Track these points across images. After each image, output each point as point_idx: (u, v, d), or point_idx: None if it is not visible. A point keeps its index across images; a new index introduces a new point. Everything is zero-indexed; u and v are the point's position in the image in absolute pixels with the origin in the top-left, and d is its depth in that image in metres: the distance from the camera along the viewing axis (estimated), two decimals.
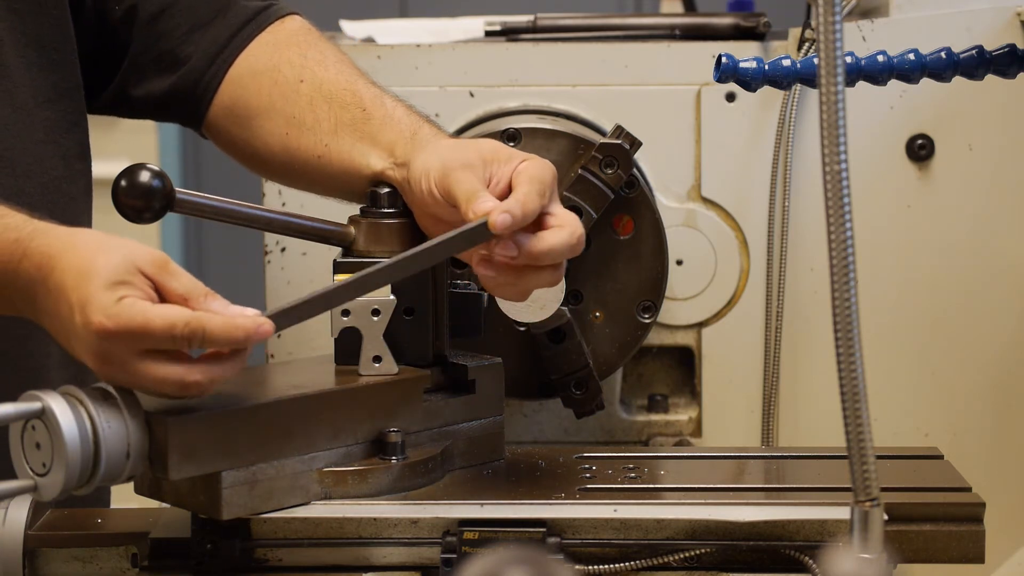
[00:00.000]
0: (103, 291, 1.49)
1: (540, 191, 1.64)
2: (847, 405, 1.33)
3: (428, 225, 1.75)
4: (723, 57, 1.73)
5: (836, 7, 1.31)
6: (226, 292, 1.63)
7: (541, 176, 1.66)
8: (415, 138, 1.79)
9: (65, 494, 1.50)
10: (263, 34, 1.94)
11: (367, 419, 1.68)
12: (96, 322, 1.49)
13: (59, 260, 1.53)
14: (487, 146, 1.72)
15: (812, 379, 2.24)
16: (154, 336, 1.49)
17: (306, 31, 1.95)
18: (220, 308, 1.53)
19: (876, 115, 2.20)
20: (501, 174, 1.68)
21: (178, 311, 1.50)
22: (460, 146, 1.74)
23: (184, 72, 1.92)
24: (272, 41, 1.93)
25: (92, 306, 1.49)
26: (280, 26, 1.95)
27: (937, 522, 1.62)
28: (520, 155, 1.70)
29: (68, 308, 1.51)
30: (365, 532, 1.62)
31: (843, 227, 1.32)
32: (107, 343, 1.50)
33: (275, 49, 1.92)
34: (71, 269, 1.52)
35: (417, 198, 1.73)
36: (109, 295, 1.49)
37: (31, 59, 1.85)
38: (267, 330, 1.52)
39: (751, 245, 2.23)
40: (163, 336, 1.49)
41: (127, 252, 1.52)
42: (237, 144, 1.93)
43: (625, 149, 2.02)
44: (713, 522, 1.61)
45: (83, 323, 1.50)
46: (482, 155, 1.70)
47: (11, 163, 1.82)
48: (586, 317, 2.09)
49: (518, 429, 2.23)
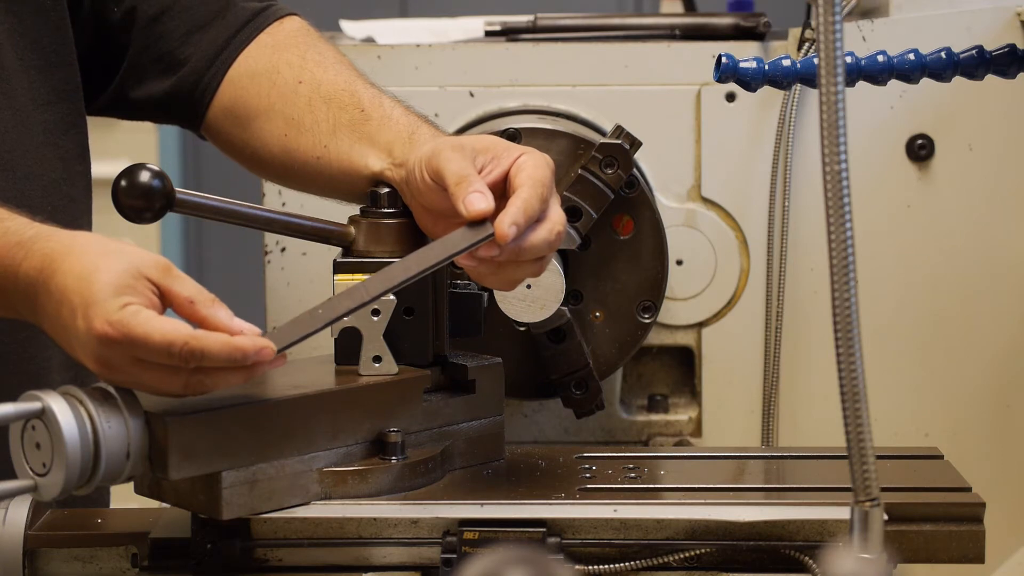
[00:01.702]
0: (107, 297, 1.49)
1: (541, 195, 1.63)
2: (847, 405, 1.33)
3: (427, 223, 1.75)
4: (723, 57, 1.73)
5: (836, 7, 1.31)
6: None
7: (542, 177, 1.65)
8: (413, 138, 1.78)
9: (65, 494, 1.50)
10: (262, 35, 1.94)
11: (367, 419, 1.68)
12: (99, 327, 1.48)
13: (61, 263, 1.53)
14: (483, 138, 1.71)
15: (812, 379, 2.24)
16: (152, 351, 1.49)
17: (305, 32, 1.95)
18: (225, 319, 1.52)
19: (876, 115, 2.20)
20: (496, 164, 1.67)
21: (178, 329, 1.49)
22: (455, 137, 1.74)
23: (183, 74, 1.93)
24: (271, 42, 1.93)
25: (95, 310, 1.49)
26: (279, 27, 1.95)
27: (937, 522, 1.62)
28: (518, 148, 1.69)
29: (70, 311, 1.51)
30: (365, 532, 1.62)
31: (843, 227, 1.32)
32: (108, 349, 1.49)
33: (274, 50, 1.92)
34: (73, 272, 1.52)
35: (414, 192, 1.73)
36: (113, 301, 1.49)
37: (29, 61, 1.85)
38: (268, 353, 1.51)
39: (751, 245, 2.23)
40: (160, 352, 1.49)
41: (131, 257, 1.52)
42: (236, 145, 1.93)
43: (625, 149, 2.02)
44: (713, 522, 1.60)
45: (85, 327, 1.50)
46: (474, 143, 1.69)
47: (11, 165, 1.82)
48: (586, 317, 2.09)
49: (518, 429, 2.23)
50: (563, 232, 1.65)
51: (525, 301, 1.99)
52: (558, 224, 1.64)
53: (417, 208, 1.75)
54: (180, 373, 1.50)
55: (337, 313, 1.59)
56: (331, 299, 1.60)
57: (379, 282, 1.61)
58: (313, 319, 1.58)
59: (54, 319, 1.54)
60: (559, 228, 1.64)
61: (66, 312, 1.52)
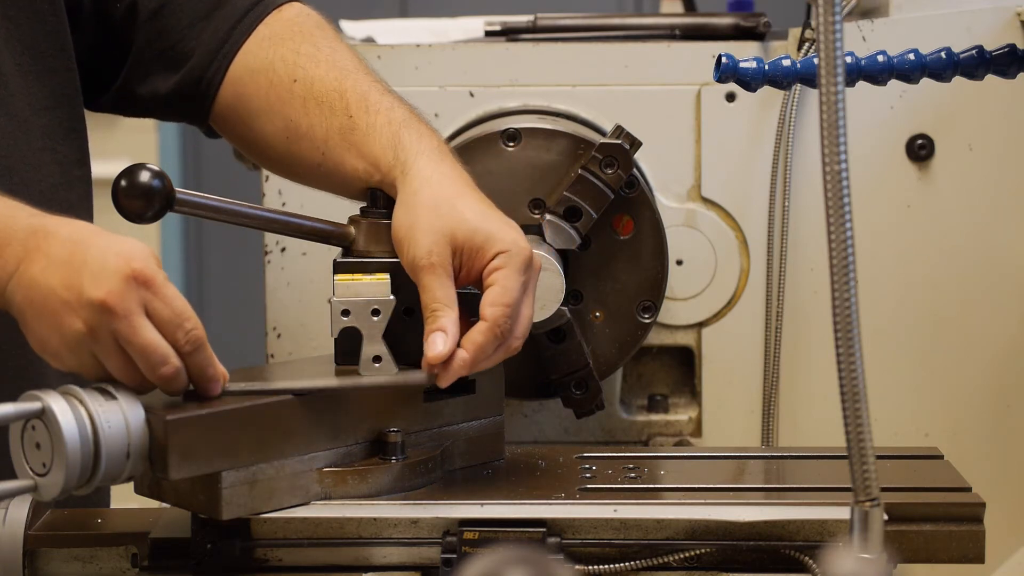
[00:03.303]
0: (145, 248, 1.55)
1: (501, 330, 1.67)
2: (847, 405, 1.33)
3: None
4: (723, 57, 1.73)
5: (836, 7, 1.31)
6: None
7: (511, 297, 1.68)
8: (397, 154, 1.77)
9: (65, 494, 1.50)
10: (260, 27, 1.92)
11: (367, 419, 1.68)
12: (137, 264, 1.52)
13: (70, 222, 1.59)
14: (463, 229, 1.69)
15: (812, 379, 2.24)
16: (169, 303, 1.53)
17: (303, 18, 1.94)
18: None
19: (876, 115, 2.20)
20: (472, 265, 1.70)
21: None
22: (436, 215, 1.71)
23: (188, 69, 1.92)
24: (268, 35, 1.92)
25: (136, 251, 1.53)
26: (277, 16, 1.94)
27: (937, 522, 1.62)
28: (495, 245, 1.69)
29: (98, 248, 1.53)
30: (365, 532, 1.62)
31: (843, 227, 1.32)
32: (126, 289, 1.51)
33: (271, 44, 1.91)
34: (88, 227, 1.59)
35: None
36: (151, 255, 1.55)
37: (27, 66, 1.85)
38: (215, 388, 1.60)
39: (751, 245, 2.23)
40: (174, 311, 1.53)
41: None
42: (244, 141, 1.94)
43: (625, 149, 2.02)
44: (713, 522, 1.61)
45: (116, 259, 1.52)
46: (456, 241, 1.69)
47: (8, 171, 1.82)
48: (586, 317, 2.09)
49: (518, 429, 2.23)
50: (519, 347, 1.70)
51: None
52: (516, 340, 1.69)
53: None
54: (167, 356, 1.53)
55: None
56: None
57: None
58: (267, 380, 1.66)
59: (56, 261, 1.54)
60: (516, 344, 1.70)
61: (78, 252, 1.53)
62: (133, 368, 1.54)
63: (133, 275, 1.52)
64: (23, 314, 1.57)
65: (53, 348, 1.55)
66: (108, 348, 1.53)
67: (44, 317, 1.55)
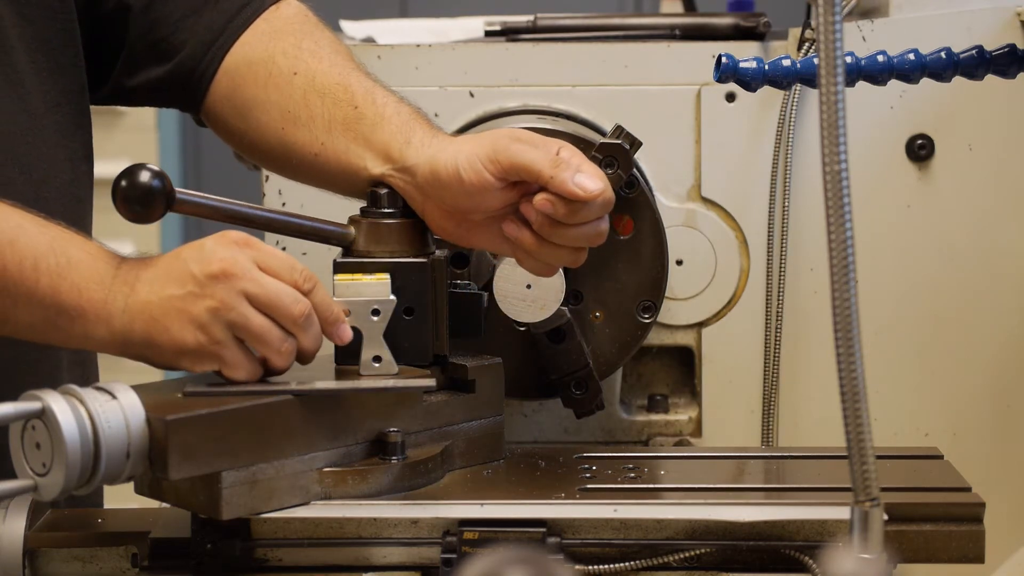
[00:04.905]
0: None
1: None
2: (847, 405, 1.33)
3: (444, 223, 1.75)
4: (723, 57, 1.73)
5: (836, 7, 1.31)
6: None
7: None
8: (411, 142, 1.78)
9: (65, 494, 1.50)
10: (259, 21, 1.92)
11: (367, 419, 1.68)
12: (233, 235, 1.62)
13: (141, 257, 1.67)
14: (524, 132, 1.76)
15: (812, 379, 2.24)
16: (275, 258, 1.63)
17: (302, 17, 1.94)
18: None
19: (876, 115, 2.20)
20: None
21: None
22: (503, 131, 1.78)
23: (180, 60, 1.92)
24: (268, 29, 1.92)
25: (228, 235, 1.63)
26: (276, 12, 1.94)
27: (937, 522, 1.62)
28: (554, 142, 1.75)
29: (175, 256, 1.64)
30: (365, 532, 1.62)
31: (843, 227, 1.32)
32: (237, 248, 1.61)
33: (271, 38, 1.91)
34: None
35: (430, 192, 1.73)
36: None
37: (41, 64, 1.85)
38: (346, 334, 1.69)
39: (751, 245, 2.23)
40: (284, 262, 1.63)
41: None
42: (235, 134, 1.93)
43: (625, 149, 2.02)
44: (713, 522, 1.61)
45: (215, 241, 1.62)
46: (529, 136, 1.75)
47: (28, 168, 1.82)
48: (586, 317, 2.09)
49: (518, 429, 2.23)
50: (604, 235, 1.75)
51: (525, 301, 1.99)
52: (603, 223, 1.74)
53: (432, 209, 1.75)
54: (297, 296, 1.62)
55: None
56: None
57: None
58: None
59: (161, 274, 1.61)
60: (603, 227, 1.74)
61: (176, 255, 1.63)
62: (272, 324, 1.61)
63: (234, 241, 1.61)
64: (149, 335, 1.61)
65: (192, 344, 1.60)
66: (245, 311, 1.60)
67: (171, 320, 1.60)
